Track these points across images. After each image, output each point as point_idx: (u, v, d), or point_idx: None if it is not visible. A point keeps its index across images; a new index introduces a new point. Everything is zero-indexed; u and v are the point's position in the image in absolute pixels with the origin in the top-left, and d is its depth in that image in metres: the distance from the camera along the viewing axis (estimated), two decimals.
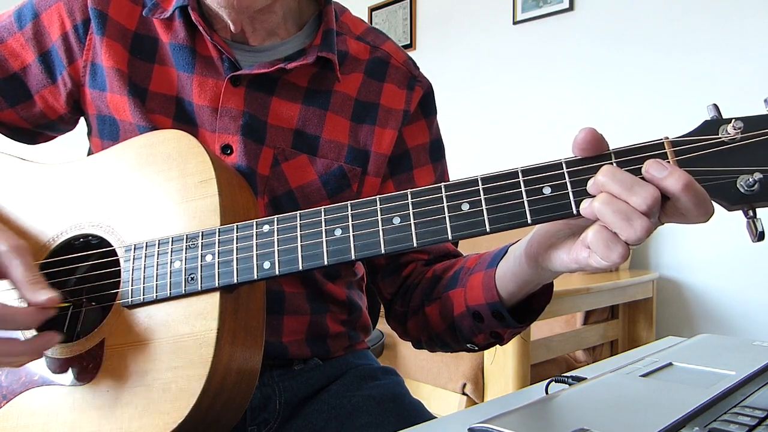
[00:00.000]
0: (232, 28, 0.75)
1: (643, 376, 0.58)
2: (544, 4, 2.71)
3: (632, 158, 0.50)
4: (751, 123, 0.48)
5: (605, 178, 0.48)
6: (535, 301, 0.68)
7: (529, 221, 0.51)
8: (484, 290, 0.67)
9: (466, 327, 0.71)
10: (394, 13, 3.37)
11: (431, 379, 1.95)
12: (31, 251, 0.62)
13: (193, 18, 0.73)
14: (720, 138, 0.48)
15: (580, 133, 0.51)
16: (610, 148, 0.51)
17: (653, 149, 0.50)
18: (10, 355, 0.57)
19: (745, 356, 0.64)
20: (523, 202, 0.51)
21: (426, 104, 0.84)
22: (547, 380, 0.65)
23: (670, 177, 0.47)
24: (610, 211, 0.47)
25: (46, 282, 0.59)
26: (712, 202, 0.48)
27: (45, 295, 0.58)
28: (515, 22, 2.82)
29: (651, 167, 0.48)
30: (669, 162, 0.49)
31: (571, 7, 2.64)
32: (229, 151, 0.73)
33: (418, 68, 0.85)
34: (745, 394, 0.51)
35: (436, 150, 0.86)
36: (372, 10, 3.47)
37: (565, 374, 0.64)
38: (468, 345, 0.75)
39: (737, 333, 2.21)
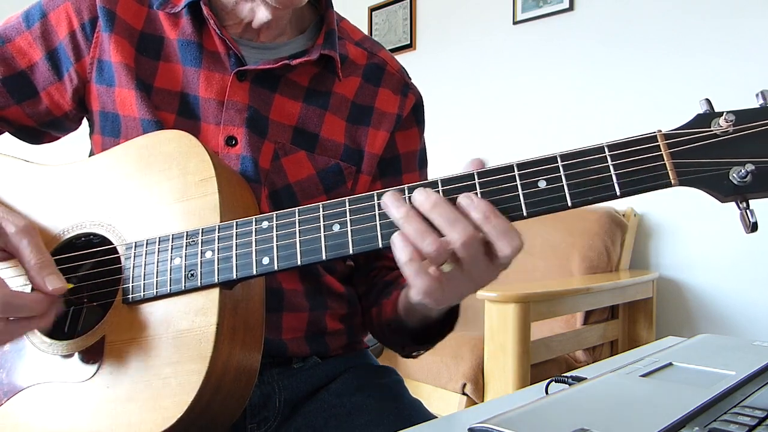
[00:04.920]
0: (253, 24, 0.78)
1: (643, 376, 0.58)
2: (544, 4, 2.71)
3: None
4: (742, 116, 0.49)
5: (428, 204, 0.52)
6: (443, 328, 0.73)
7: (525, 214, 0.52)
8: (393, 306, 0.73)
9: (387, 334, 0.77)
10: (394, 13, 3.37)
11: (431, 379, 1.95)
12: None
13: (204, 12, 0.75)
14: (713, 131, 0.49)
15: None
16: (605, 142, 0.52)
17: (646, 142, 0.50)
18: (26, 328, 0.59)
19: (745, 356, 0.64)
20: (519, 195, 0.52)
21: (418, 113, 0.89)
22: (547, 380, 0.65)
23: (476, 208, 0.51)
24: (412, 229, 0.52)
25: (54, 266, 0.59)
26: (707, 194, 0.49)
27: (53, 283, 0.58)
28: (515, 22, 2.82)
29: (462, 198, 0.52)
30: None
31: (571, 7, 2.64)
32: (233, 143, 0.75)
33: (410, 78, 0.90)
34: (745, 394, 0.51)
35: (422, 159, 0.90)
36: (372, 10, 3.47)
37: (565, 374, 0.64)
38: (397, 350, 0.80)
39: (737, 333, 2.21)
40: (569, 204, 0.51)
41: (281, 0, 0.73)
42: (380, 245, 0.55)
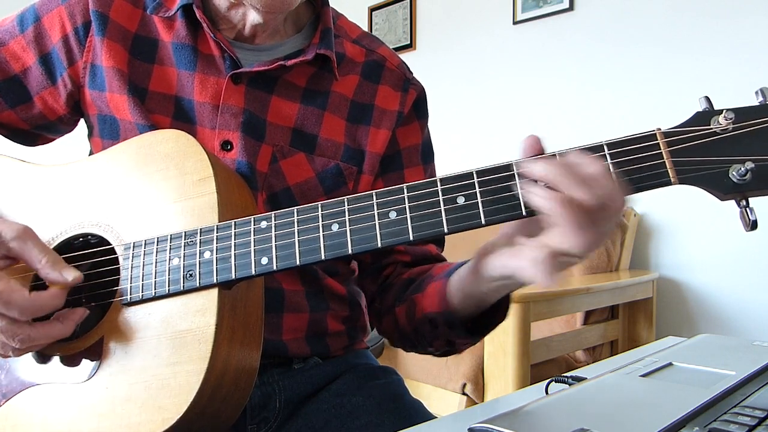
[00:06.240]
0: (246, 29, 0.77)
1: (643, 376, 0.58)
2: (544, 4, 2.71)
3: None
4: (742, 113, 0.49)
5: (554, 169, 0.49)
6: (495, 316, 0.70)
7: (524, 213, 0.52)
8: (439, 298, 0.69)
9: (426, 331, 0.73)
10: (394, 13, 3.37)
11: (431, 379, 1.95)
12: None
13: (197, 15, 0.74)
14: (712, 129, 0.49)
15: (528, 138, 0.54)
16: (604, 141, 0.52)
17: (646, 140, 0.50)
18: (50, 337, 0.59)
19: (745, 356, 0.64)
20: (518, 194, 0.52)
21: (419, 107, 0.86)
22: (547, 380, 0.65)
23: (590, 164, 0.48)
24: (566, 215, 0.48)
25: (63, 260, 0.60)
26: (707, 192, 0.49)
27: (72, 274, 0.59)
28: (515, 22, 2.82)
29: (572, 155, 0.50)
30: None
31: (571, 7, 2.64)
32: (229, 147, 0.74)
33: (411, 72, 0.88)
34: (745, 394, 0.51)
35: (426, 152, 0.88)
36: (372, 10, 3.47)
37: (565, 374, 0.64)
38: (429, 349, 0.76)
39: (737, 333, 2.21)
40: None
41: (269, 4, 0.72)
42: (379, 245, 0.54)
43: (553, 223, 0.50)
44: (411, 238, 0.54)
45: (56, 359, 0.63)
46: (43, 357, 0.64)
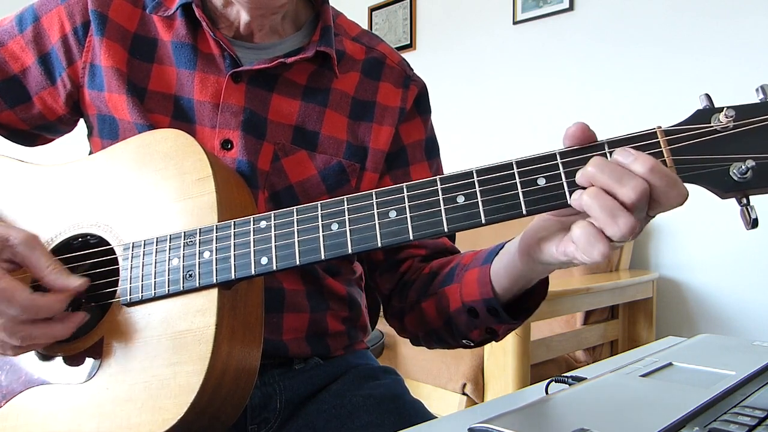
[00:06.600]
0: (241, 28, 0.78)
1: (643, 376, 0.58)
2: (544, 4, 2.71)
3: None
4: (742, 111, 0.48)
5: (594, 169, 0.48)
6: (530, 298, 0.69)
7: (524, 212, 0.52)
8: (479, 286, 0.68)
9: (462, 322, 0.72)
10: (394, 13, 3.37)
11: (431, 379, 1.95)
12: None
13: (197, 14, 0.74)
14: (712, 126, 0.49)
15: (573, 126, 0.52)
16: (605, 139, 0.52)
17: (646, 138, 0.50)
18: (50, 336, 0.59)
19: (745, 356, 0.64)
20: (518, 193, 0.52)
21: (421, 103, 0.87)
22: (547, 380, 0.65)
23: (636, 162, 0.47)
24: (596, 205, 0.47)
25: (67, 269, 0.61)
26: (707, 190, 0.49)
27: (77, 280, 0.60)
28: (515, 22, 2.82)
29: (618, 154, 0.48)
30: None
31: (571, 7, 2.64)
32: (229, 146, 0.74)
33: (412, 69, 0.88)
34: (745, 394, 0.51)
35: (431, 147, 0.87)
36: (372, 10, 3.47)
37: (565, 374, 0.64)
38: (464, 341, 0.75)
39: (737, 333, 2.21)
40: (569, 201, 0.51)
41: (254, 1, 0.72)
42: (379, 244, 0.54)
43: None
44: (411, 238, 0.54)
45: (56, 360, 0.63)
46: (42, 358, 0.64)
